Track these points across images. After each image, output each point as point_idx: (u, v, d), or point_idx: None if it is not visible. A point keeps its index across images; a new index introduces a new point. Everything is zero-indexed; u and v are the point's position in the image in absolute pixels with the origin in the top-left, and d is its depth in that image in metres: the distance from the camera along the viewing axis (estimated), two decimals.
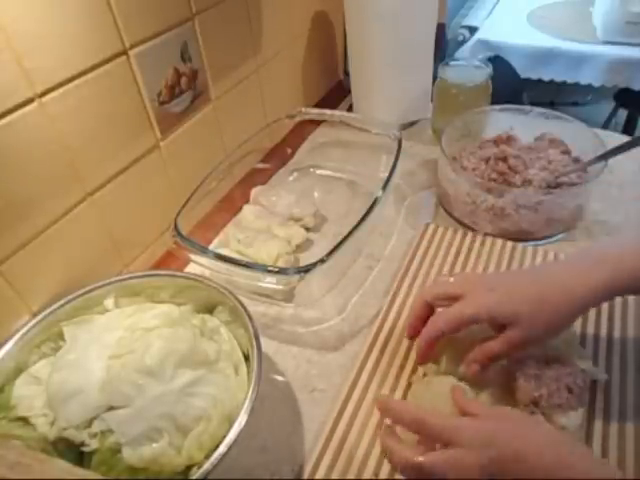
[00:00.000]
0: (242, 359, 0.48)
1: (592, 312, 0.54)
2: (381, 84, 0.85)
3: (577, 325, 0.53)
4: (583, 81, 1.70)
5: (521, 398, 0.44)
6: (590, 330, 0.53)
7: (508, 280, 0.46)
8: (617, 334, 0.52)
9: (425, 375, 0.49)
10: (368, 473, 0.43)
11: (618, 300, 0.55)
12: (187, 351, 0.44)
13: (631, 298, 0.55)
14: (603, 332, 0.52)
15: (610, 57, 1.62)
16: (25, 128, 0.46)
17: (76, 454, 0.41)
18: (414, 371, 0.51)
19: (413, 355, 0.52)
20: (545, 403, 0.44)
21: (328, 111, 0.79)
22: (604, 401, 0.47)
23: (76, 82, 0.50)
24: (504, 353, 0.44)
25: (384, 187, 0.61)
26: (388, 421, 0.46)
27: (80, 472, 0.38)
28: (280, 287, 0.52)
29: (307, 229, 0.71)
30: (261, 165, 0.82)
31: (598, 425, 0.45)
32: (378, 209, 0.59)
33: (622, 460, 0.42)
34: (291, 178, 0.83)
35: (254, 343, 0.45)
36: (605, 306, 0.55)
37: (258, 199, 0.74)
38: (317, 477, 0.43)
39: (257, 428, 0.49)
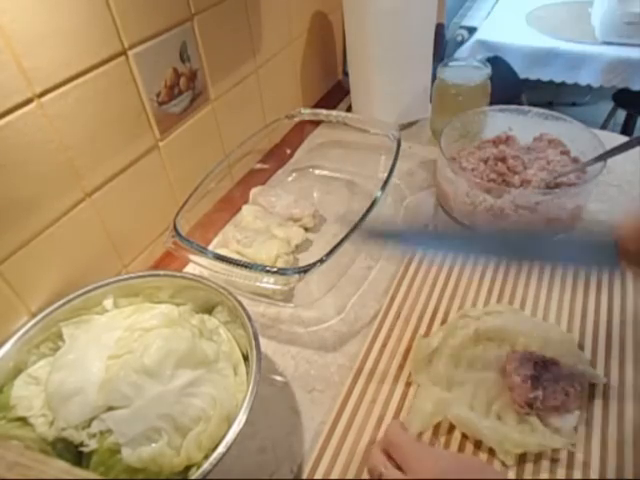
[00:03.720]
0: (241, 359, 0.48)
1: (590, 314, 0.54)
2: (380, 84, 0.85)
3: (576, 328, 0.53)
4: (582, 81, 1.70)
5: (516, 399, 0.44)
6: (589, 333, 0.53)
7: None
8: (616, 337, 0.52)
9: (411, 384, 0.49)
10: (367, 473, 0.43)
11: (617, 302, 0.55)
12: (186, 351, 0.44)
13: (630, 301, 0.55)
14: (602, 335, 0.52)
15: (609, 57, 1.62)
16: (24, 128, 0.46)
17: (75, 454, 0.41)
18: (411, 372, 0.51)
19: (412, 355, 0.52)
20: (540, 405, 0.44)
21: (327, 111, 0.79)
22: (603, 404, 0.46)
23: (75, 82, 0.50)
24: None
25: (383, 187, 0.61)
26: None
27: (79, 472, 0.38)
28: (279, 287, 0.53)
29: (306, 229, 0.71)
30: (260, 165, 0.82)
31: (597, 428, 0.45)
32: (377, 209, 0.59)
33: (621, 463, 0.42)
34: (290, 178, 0.83)
35: (253, 343, 0.45)
36: (604, 308, 0.55)
37: (257, 199, 0.74)
38: (316, 477, 0.43)
39: (256, 428, 0.49)
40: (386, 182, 0.62)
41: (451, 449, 0.44)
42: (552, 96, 2.31)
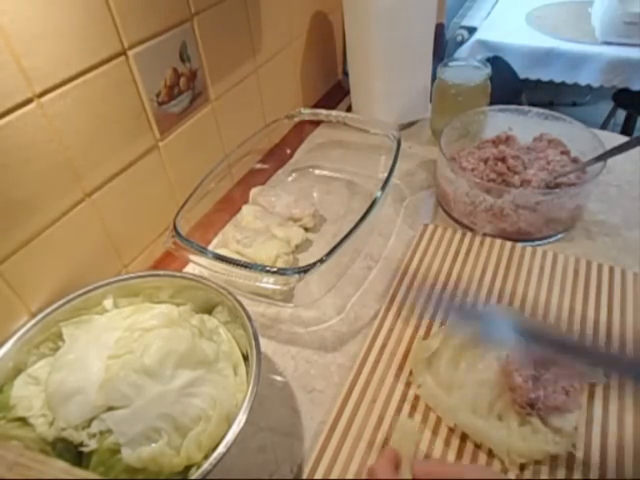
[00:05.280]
0: (241, 359, 0.48)
1: (590, 315, 0.54)
2: (380, 84, 0.85)
3: (576, 327, 0.53)
4: (582, 81, 1.70)
5: (517, 399, 0.44)
6: (589, 332, 0.52)
7: None
8: (616, 337, 0.52)
9: (420, 386, 0.49)
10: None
11: (617, 302, 0.55)
12: (186, 351, 0.44)
13: (630, 300, 0.55)
14: (602, 335, 0.52)
15: (609, 57, 1.62)
16: (24, 128, 0.46)
17: (75, 454, 0.41)
18: (412, 372, 0.51)
19: (411, 358, 0.52)
20: (541, 405, 0.44)
21: (327, 111, 0.79)
22: (603, 404, 0.46)
23: (75, 82, 0.50)
24: None
25: (383, 187, 0.61)
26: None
27: (79, 472, 0.38)
28: (279, 287, 0.52)
29: (306, 229, 0.71)
30: (260, 165, 0.82)
31: (597, 428, 0.45)
32: (377, 209, 0.59)
33: (621, 463, 0.42)
34: (290, 178, 0.83)
35: (253, 343, 0.45)
36: (604, 309, 0.55)
37: (257, 199, 0.74)
38: (316, 477, 0.43)
39: (256, 428, 0.49)
40: (386, 182, 0.62)
41: (451, 449, 0.45)
42: (552, 96, 2.31)
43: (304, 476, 0.44)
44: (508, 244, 0.63)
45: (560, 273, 0.59)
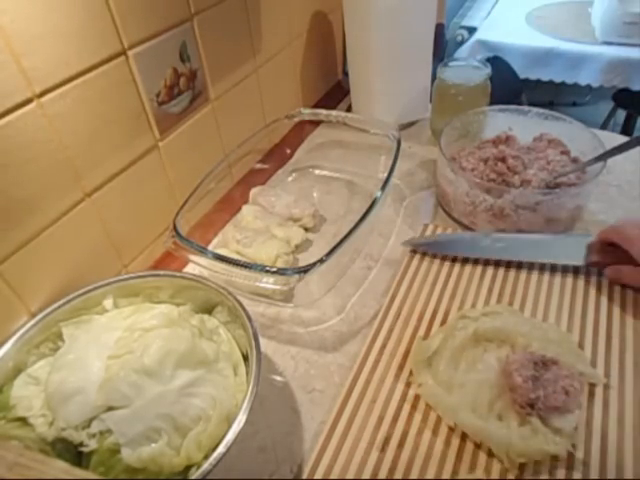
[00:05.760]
0: (241, 359, 0.48)
1: (590, 315, 0.54)
2: (380, 84, 0.85)
3: (576, 327, 0.53)
4: (582, 81, 1.71)
5: (517, 399, 0.44)
6: (589, 333, 0.53)
7: None
8: (616, 337, 0.52)
9: (420, 386, 0.49)
10: (367, 473, 0.43)
11: (617, 302, 0.55)
12: (186, 351, 0.44)
13: (630, 300, 0.55)
14: (602, 335, 0.52)
15: (609, 57, 1.62)
16: (24, 128, 0.46)
17: (75, 454, 0.41)
18: (413, 372, 0.51)
19: (411, 358, 0.52)
20: (541, 405, 0.44)
21: (327, 111, 0.79)
22: (603, 404, 0.46)
23: (75, 82, 0.50)
24: None
25: (383, 187, 0.61)
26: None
27: (79, 473, 0.38)
28: (279, 287, 0.52)
29: (306, 229, 0.71)
30: (260, 165, 0.82)
31: (597, 428, 0.45)
32: (377, 209, 0.59)
33: (621, 463, 0.42)
34: (290, 178, 0.83)
35: (253, 343, 0.45)
36: (604, 308, 0.55)
37: (257, 199, 0.74)
38: (316, 477, 0.43)
39: (256, 428, 0.49)
40: (386, 182, 0.62)
41: (451, 448, 0.45)
42: (552, 96, 2.31)
43: (304, 476, 0.44)
44: None
45: (560, 273, 0.59)
